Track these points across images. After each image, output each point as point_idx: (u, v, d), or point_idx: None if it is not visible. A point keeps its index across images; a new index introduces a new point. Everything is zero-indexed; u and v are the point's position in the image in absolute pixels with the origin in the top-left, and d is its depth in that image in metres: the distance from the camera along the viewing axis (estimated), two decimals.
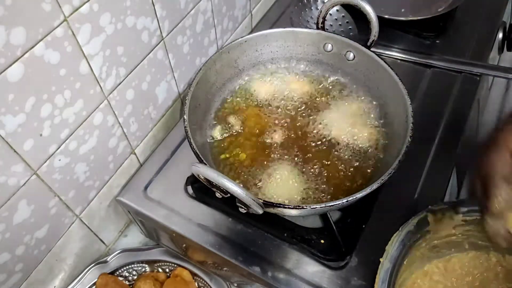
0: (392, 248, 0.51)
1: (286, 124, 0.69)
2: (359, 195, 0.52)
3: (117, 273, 0.68)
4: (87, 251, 0.69)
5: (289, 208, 0.52)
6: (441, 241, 0.56)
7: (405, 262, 0.53)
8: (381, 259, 0.51)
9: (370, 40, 0.68)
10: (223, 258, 0.60)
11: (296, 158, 0.65)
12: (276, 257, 0.59)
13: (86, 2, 0.49)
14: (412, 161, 0.58)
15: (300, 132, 0.68)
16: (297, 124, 0.69)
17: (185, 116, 0.60)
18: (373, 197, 0.63)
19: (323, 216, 0.63)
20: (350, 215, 0.63)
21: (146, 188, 0.67)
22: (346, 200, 0.52)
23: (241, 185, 0.50)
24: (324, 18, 0.72)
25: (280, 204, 0.52)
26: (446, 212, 0.54)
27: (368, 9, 0.65)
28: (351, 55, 0.71)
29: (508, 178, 0.46)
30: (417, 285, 0.57)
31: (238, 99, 0.72)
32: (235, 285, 0.68)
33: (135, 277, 0.69)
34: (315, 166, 0.64)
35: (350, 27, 0.81)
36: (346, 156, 0.65)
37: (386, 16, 0.83)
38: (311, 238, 0.61)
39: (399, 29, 0.87)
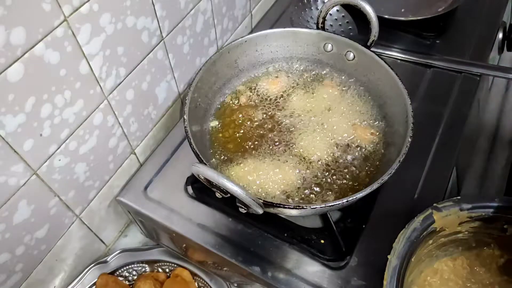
0: (399, 245, 0.51)
1: (285, 124, 0.69)
2: (359, 195, 0.52)
3: (117, 273, 0.68)
4: (87, 251, 0.69)
5: (289, 208, 0.52)
6: (448, 239, 0.56)
7: (413, 259, 0.53)
8: (388, 256, 0.51)
9: (370, 40, 0.68)
10: (223, 258, 0.60)
11: (295, 158, 0.65)
12: (276, 257, 0.59)
13: (86, 2, 0.49)
14: (412, 161, 0.58)
15: (300, 133, 0.68)
16: (297, 125, 0.69)
17: (185, 116, 0.60)
18: (373, 197, 0.63)
19: (323, 216, 0.63)
20: (350, 215, 0.63)
21: (146, 188, 0.67)
22: (346, 200, 0.52)
23: (241, 185, 0.50)
24: (324, 18, 0.72)
25: (280, 204, 0.52)
26: (451, 209, 0.54)
27: (368, 9, 0.65)
28: (351, 55, 0.71)
29: None
30: (427, 283, 0.57)
31: (238, 99, 0.72)
32: (235, 285, 0.68)
33: (135, 277, 0.69)
34: (315, 166, 0.64)
35: (350, 27, 0.81)
36: (346, 156, 0.65)
37: (386, 16, 0.83)
38: (311, 238, 0.61)
39: (399, 29, 0.87)
